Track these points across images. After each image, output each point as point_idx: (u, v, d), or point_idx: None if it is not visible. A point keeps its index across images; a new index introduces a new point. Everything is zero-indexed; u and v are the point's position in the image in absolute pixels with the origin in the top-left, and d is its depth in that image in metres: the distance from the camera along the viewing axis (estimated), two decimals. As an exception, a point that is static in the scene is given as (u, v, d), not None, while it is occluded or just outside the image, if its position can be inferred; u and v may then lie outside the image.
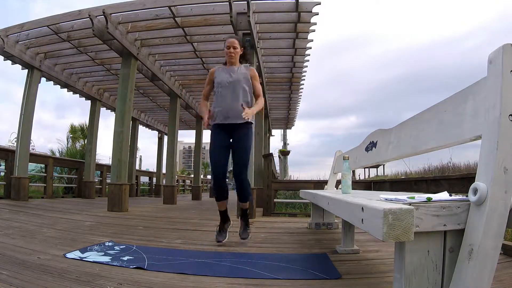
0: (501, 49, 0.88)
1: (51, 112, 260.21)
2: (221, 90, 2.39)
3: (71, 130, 10.16)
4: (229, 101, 2.35)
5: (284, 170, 12.62)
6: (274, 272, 1.60)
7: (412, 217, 0.79)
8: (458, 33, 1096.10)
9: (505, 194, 0.84)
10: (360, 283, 1.48)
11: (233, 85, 2.37)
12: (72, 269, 1.54)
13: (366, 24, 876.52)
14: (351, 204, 1.08)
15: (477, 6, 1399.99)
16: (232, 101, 2.35)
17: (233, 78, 2.39)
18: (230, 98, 2.36)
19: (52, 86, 6.99)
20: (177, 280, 1.47)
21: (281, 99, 8.81)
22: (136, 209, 5.04)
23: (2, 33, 5.17)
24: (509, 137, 0.84)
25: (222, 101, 2.37)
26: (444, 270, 0.89)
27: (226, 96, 2.37)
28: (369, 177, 13.89)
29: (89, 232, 2.65)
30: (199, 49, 5.75)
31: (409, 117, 1.47)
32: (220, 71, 2.48)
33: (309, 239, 2.63)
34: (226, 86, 2.38)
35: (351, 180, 1.80)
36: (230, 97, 2.36)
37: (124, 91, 4.96)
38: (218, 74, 2.47)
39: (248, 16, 4.04)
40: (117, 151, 4.83)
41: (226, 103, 2.36)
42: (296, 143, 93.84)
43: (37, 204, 5.01)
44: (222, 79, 2.41)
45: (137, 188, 10.09)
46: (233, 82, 2.38)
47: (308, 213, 4.20)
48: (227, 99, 2.36)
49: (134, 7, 4.54)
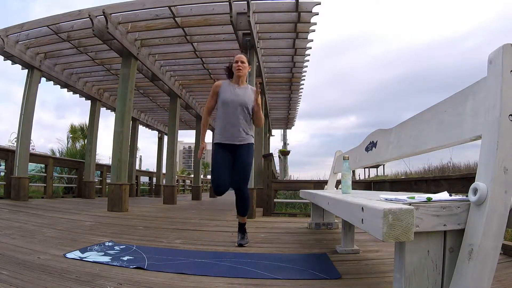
0: (501, 49, 0.88)
1: (51, 112, 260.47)
2: (225, 109, 2.35)
3: (71, 130, 10.17)
4: (233, 122, 2.33)
5: (284, 170, 12.63)
6: (274, 272, 1.60)
7: (412, 217, 0.79)
8: (458, 33, 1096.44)
9: (505, 194, 0.84)
10: (360, 283, 1.48)
11: (239, 106, 2.33)
12: (72, 269, 1.54)
13: (366, 24, 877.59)
14: (351, 204, 1.08)
15: (477, 6, 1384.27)
16: (236, 124, 2.33)
17: (239, 99, 2.34)
18: (234, 118, 2.33)
19: (52, 86, 7.01)
20: (177, 280, 1.47)
21: (281, 99, 8.81)
22: (136, 209, 5.04)
23: (2, 33, 5.17)
24: (509, 137, 0.84)
25: (225, 121, 2.35)
26: (444, 270, 0.89)
27: (230, 117, 2.33)
28: (369, 177, 13.89)
29: (89, 232, 2.65)
30: (199, 49, 5.75)
31: (409, 117, 1.48)
32: (225, 87, 2.41)
33: (309, 239, 2.63)
34: (231, 107, 2.33)
35: (351, 180, 1.80)
36: (233, 117, 2.33)
37: (124, 91, 4.96)
38: (223, 90, 2.40)
39: (248, 16, 4.04)
40: (117, 151, 4.83)
41: (229, 123, 2.33)
42: (296, 143, 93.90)
43: (37, 204, 5.01)
44: (227, 98, 2.35)
45: (137, 188, 10.08)
46: (238, 104, 2.33)
47: (308, 213, 4.20)
48: (231, 119, 2.33)
49: (134, 7, 4.54)
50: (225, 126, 2.35)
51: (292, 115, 10.93)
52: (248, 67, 2.46)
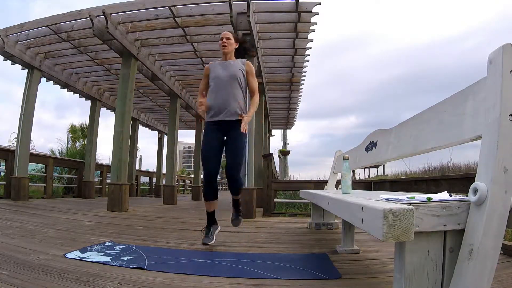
0: (501, 49, 0.88)
1: (51, 112, 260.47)
2: (214, 85, 2.30)
3: (71, 130, 10.16)
4: (223, 97, 2.26)
5: (284, 170, 12.63)
6: (274, 272, 1.60)
7: (412, 217, 0.78)
8: (458, 33, 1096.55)
9: (505, 194, 0.84)
10: (360, 283, 1.48)
11: (228, 80, 2.28)
12: (72, 269, 1.53)
13: (366, 24, 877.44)
14: (351, 204, 1.08)
15: (477, 6, 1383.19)
16: (227, 97, 2.26)
17: (228, 72, 2.30)
18: (224, 93, 2.26)
19: (52, 86, 7.00)
20: (177, 280, 1.47)
21: (281, 99, 8.81)
22: (136, 209, 5.04)
23: (2, 33, 5.17)
24: (509, 137, 0.84)
25: (216, 97, 2.28)
26: (444, 270, 0.89)
27: (220, 92, 2.27)
28: (369, 177, 13.89)
29: (89, 232, 2.65)
30: (199, 49, 5.75)
31: (409, 117, 1.47)
32: (215, 66, 2.39)
33: (309, 239, 2.63)
34: (221, 81, 2.29)
35: (351, 180, 1.80)
36: (224, 92, 2.26)
37: (124, 91, 4.96)
38: (213, 69, 2.37)
39: (248, 16, 4.04)
40: (117, 151, 4.83)
41: (220, 99, 2.26)
42: (296, 143, 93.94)
43: (37, 204, 5.00)
44: (217, 74, 2.32)
45: (137, 188, 10.08)
46: (227, 76, 2.29)
47: (308, 213, 4.20)
48: (221, 94, 2.27)
49: (134, 7, 4.54)
50: (215, 101, 2.27)
51: (292, 115, 10.93)
52: (235, 43, 2.41)
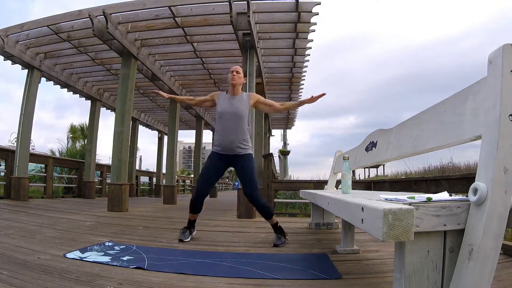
0: (501, 49, 0.88)
1: (51, 112, 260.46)
2: (222, 123, 2.47)
3: (71, 130, 10.17)
4: (231, 134, 2.43)
5: (284, 170, 12.63)
6: (274, 272, 1.60)
7: (412, 217, 0.79)
8: (458, 33, 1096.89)
9: (505, 194, 0.84)
10: (360, 283, 1.48)
11: (234, 118, 2.44)
12: (72, 269, 1.54)
13: (366, 24, 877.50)
14: (351, 204, 1.08)
15: (477, 6, 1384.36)
16: (235, 134, 2.43)
17: (234, 109, 2.45)
18: (233, 131, 2.43)
19: (52, 86, 7.01)
20: (177, 280, 1.47)
21: (281, 99, 8.80)
22: (136, 209, 5.04)
23: (2, 33, 5.17)
24: (509, 137, 0.84)
25: (223, 133, 2.45)
26: (444, 270, 0.89)
27: (228, 128, 2.44)
28: (369, 177, 13.88)
29: (89, 232, 2.65)
30: (199, 49, 5.75)
31: (409, 117, 1.47)
32: (223, 98, 2.53)
33: (309, 239, 2.63)
34: (227, 120, 2.45)
35: (351, 180, 1.80)
36: (232, 131, 2.43)
37: (124, 91, 4.96)
38: (220, 102, 2.52)
39: (248, 16, 4.04)
40: (117, 151, 4.83)
41: (228, 136, 2.43)
42: (296, 143, 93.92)
43: (37, 204, 5.01)
44: (223, 109, 2.47)
45: (137, 188, 10.08)
46: (234, 114, 2.44)
47: (308, 213, 4.20)
48: (229, 132, 2.43)
49: (134, 7, 4.54)
50: (224, 137, 2.45)
51: (292, 115, 10.93)
52: (244, 78, 2.59)
